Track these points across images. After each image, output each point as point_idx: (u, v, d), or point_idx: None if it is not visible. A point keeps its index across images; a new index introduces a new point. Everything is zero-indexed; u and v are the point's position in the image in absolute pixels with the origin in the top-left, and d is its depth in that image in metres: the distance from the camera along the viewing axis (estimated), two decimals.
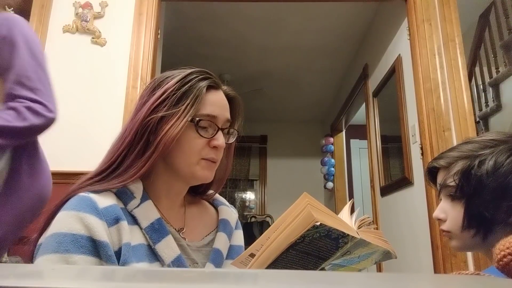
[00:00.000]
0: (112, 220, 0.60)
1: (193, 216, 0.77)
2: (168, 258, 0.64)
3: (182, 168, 0.69)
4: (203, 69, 0.74)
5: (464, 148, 0.80)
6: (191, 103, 0.67)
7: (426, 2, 2.12)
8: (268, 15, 3.11)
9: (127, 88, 2.02)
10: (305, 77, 4.23)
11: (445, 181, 0.79)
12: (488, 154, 0.75)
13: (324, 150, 4.84)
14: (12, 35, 1.06)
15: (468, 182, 0.75)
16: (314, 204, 0.51)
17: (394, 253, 0.66)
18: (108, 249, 0.57)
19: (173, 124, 0.65)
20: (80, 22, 2.10)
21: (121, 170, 0.67)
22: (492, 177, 0.72)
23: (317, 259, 0.56)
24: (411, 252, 2.27)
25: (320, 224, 0.48)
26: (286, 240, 0.50)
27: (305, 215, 0.49)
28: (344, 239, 0.53)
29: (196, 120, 0.68)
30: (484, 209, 0.72)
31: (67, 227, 0.57)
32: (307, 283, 0.24)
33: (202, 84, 0.70)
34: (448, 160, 0.81)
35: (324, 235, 0.51)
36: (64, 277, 0.27)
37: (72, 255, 0.55)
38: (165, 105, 0.67)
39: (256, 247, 0.55)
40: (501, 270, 0.44)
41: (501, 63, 2.93)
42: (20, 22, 1.11)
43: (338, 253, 0.56)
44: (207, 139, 0.69)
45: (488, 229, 0.73)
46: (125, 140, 0.68)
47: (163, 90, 0.69)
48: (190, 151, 0.68)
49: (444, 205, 0.81)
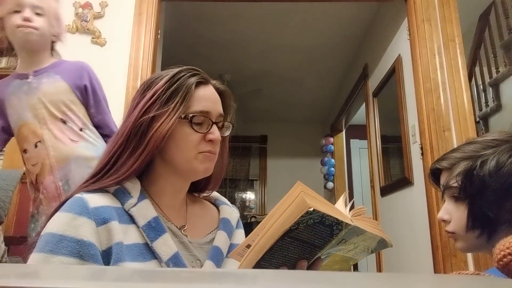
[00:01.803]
0: (101, 219, 0.61)
1: (195, 215, 0.78)
2: (165, 255, 0.64)
3: (181, 164, 0.71)
4: (191, 67, 0.75)
5: (466, 149, 0.79)
6: (180, 100, 0.69)
7: (426, 2, 2.13)
8: (268, 15, 3.11)
9: (127, 88, 2.02)
10: (305, 77, 4.23)
11: (448, 182, 0.79)
12: (490, 154, 0.75)
13: (324, 150, 4.84)
14: (92, 85, 1.41)
15: (471, 182, 0.75)
16: (307, 192, 0.52)
17: (390, 241, 0.66)
18: (91, 248, 0.59)
19: (163, 122, 0.67)
20: (80, 22, 2.10)
21: (114, 169, 0.68)
22: (494, 177, 0.72)
23: (313, 247, 0.56)
24: (411, 252, 2.27)
25: (313, 210, 0.49)
26: (281, 227, 0.51)
27: (298, 202, 0.50)
28: (339, 226, 0.54)
29: (190, 117, 0.69)
30: (488, 209, 0.72)
31: (56, 228, 0.59)
32: (307, 283, 0.24)
33: (191, 81, 0.71)
34: (450, 161, 0.81)
35: (318, 222, 0.52)
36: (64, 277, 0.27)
37: (53, 255, 0.57)
38: (156, 105, 0.69)
39: (252, 238, 0.56)
40: (501, 270, 0.44)
41: (501, 63, 2.93)
42: (91, 69, 1.46)
43: (333, 240, 0.56)
44: (203, 134, 0.70)
45: (492, 229, 0.73)
46: (118, 141, 0.70)
47: (153, 91, 0.70)
48: (186, 147, 0.70)
49: (448, 206, 0.81)
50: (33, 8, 1.28)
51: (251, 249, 0.53)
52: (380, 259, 2.91)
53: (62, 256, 0.57)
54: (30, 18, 1.26)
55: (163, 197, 0.73)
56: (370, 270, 4.05)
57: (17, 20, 1.25)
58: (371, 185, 3.07)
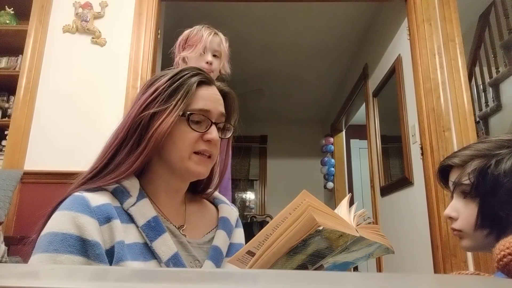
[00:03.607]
0: (104, 218, 0.61)
1: (194, 214, 0.77)
2: (165, 255, 0.64)
3: (175, 163, 0.69)
4: (195, 67, 0.74)
5: (480, 147, 0.79)
6: (181, 98, 0.68)
7: (426, 2, 2.12)
8: (268, 15, 3.11)
9: (127, 88, 2.02)
10: (305, 77, 4.23)
11: (460, 179, 0.78)
12: (506, 154, 0.74)
13: (324, 150, 4.84)
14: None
15: (484, 181, 0.74)
16: (314, 205, 0.51)
17: (392, 248, 0.66)
18: (97, 248, 0.58)
19: (163, 119, 0.66)
20: (80, 22, 2.10)
21: (113, 166, 0.67)
22: (509, 177, 0.71)
23: (316, 258, 0.56)
24: (411, 252, 2.27)
25: (322, 228, 0.48)
26: (287, 244, 0.50)
27: (307, 219, 0.48)
28: (344, 238, 0.53)
29: (188, 114, 0.68)
30: (499, 209, 0.72)
31: (59, 227, 0.58)
32: (307, 283, 0.24)
33: (193, 80, 0.70)
34: (463, 158, 0.80)
35: (326, 237, 0.51)
36: (63, 277, 0.27)
37: (59, 254, 0.56)
38: (156, 101, 0.68)
39: (253, 245, 0.55)
40: (501, 270, 0.44)
41: (501, 63, 2.93)
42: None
43: (337, 250, 0.56)
44: (200, 133, 0.69)
45: (502, 229, 0.72)
46: (118, 136, 0.69)
47: (154, 88, 0.70)
48: (182, 145, 0.69)
49: (456, 204, 0.80)
50: (213, 52, 1.45)
51: (254, 261, 0.52)
52: (380, 259, 2.91)
53: (69, 254, 0.56)
54: (211, 62, 1.43)
55: (161, 197, 0.72)
56: (370, 270, 4.05)
57: (202, 63, 1.41)
58: (371, 185, 3.07)
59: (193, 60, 1.42)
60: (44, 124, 2.00)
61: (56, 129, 1.99)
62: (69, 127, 1.99)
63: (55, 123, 2.00)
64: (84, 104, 2.02)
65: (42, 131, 1.98)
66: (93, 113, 2.00)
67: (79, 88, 2.04)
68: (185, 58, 1.44)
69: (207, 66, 1.41)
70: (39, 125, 1.99)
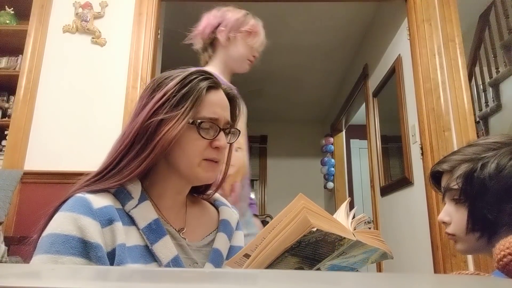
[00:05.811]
0: (106, 220, 0.61)
1: (194, 216, 0.77)
2: (165, 258, 0.64)
3: (184, 169, 0.69)
4: (203, 69, 0.74)
5: (467, 151, 0.79)
6: (191, 105, 0.67)
7: (426, 2, 2.12)
8: (269, 15, 3.10)
9: (127, 88, 2.02)
10: (305, 77, 4.23)
11: (448, 184, 0.79)
12: (491, 157, 0.75)
13: (324, 150, 4.84)
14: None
15: (471, 185, 0.74)
16: (310, 207, 0.50)
17: (390, 253, 0.66)
18: (98, 250, 0.58)
19: (172, 126, 0.65)
20: (80, 22, 2.10)
21: (117, 170, 0.67)
22: (495, 179, 0.72)
23: (312, 261, 0.55)
24: (411, 252, 2.27)
25: (316, 230, 0.48)
26: (282, 245, 0.50)
27: (301, 220, 0.48)
28: (341, 242, 0.53)
29: (198, 123, 0.68)
30: (488, 211, 0.72)
31: (60, 228, 0.58)
32: (307, 283, 0.24)
33: (202, 85, 0.69)
34: (451, 163, 0.80)
35: (321, 239, 0.51)
36: (63, 277, 0.27)
37: (61, 256, 0.56)
38: (165, 107, 0.67)
39: (250, 248, 0.55)
40: (501, 270, 0.44)
41: (501, 63, 2.93)
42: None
43: (333, 254, 0.55)
44: (209, 140, 0.69)
45: (492, 232, 0.73)
46: (124, 141, 0.68)
47: (163, 92, 0.68)
48: (192, 153, 0.68)
49: (449, 208, 0.81)
50: (258, 49, 1.53)
51: (249, 263, 0.52)
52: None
53: (70, 256, 0.56)
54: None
55: (164, 199, 0.72)
56: (370, 270, 4.06)
57: (250, 56, 1.51)
58: (371, 185, 3.07)
59: (241, 47, 1.47)
60: (44, 124, 2.00)
61: (56, 129, 1.99)
62: (69, 127, 1.99)
63: (55, 123, 2.00)
64: (84, 104, 2.02)
65: (42, 131, 1.98)
66: (93, 113, 2.00)
67: (79, 88, 2.04)
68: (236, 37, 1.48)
69: (252, 59, 1.46)
70: (39, 125, 1.99)
